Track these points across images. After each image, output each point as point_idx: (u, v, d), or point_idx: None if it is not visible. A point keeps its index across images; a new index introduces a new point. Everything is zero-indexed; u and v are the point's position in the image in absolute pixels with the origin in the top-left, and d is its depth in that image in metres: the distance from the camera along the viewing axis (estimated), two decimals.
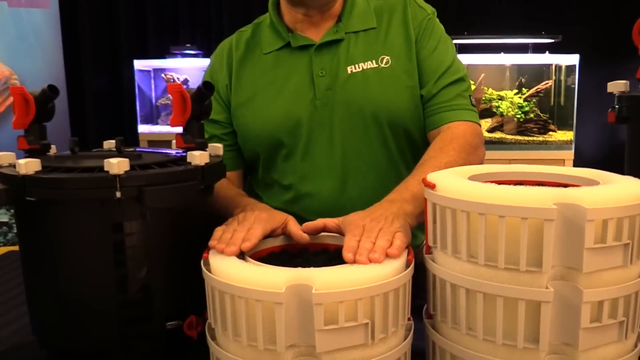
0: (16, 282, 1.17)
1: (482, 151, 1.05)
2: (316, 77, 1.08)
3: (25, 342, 0.90)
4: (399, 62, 1.08)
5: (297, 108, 1.08)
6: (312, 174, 1.09)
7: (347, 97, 1.06)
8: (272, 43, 1.13)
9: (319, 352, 0.61)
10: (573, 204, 0.58)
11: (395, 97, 1.07)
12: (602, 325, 0.61)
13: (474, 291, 0.63)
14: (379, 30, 1.11)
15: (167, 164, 0.77)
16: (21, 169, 0.71)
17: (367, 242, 0.71)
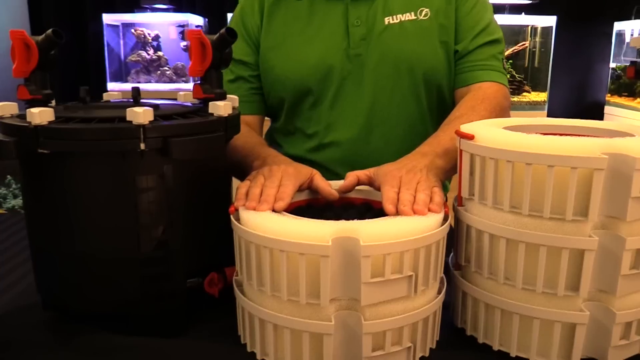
0: (7, 245, 1.12)
1: (509, 115, 1.04)
2: (351, 26, 1.05)
3: (26, 305, 0.86)
4: (437, 16, 1.05)
5: (329, 56, 1.05)
6: (338, 123, 1.06)
7: (382, 48, 1.04)
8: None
9: (364, 305, 0.60)
10: (622, 153, 0.58)
11: (432, 51, 1.05)
12: (638, 272, 0.62)
13: (516, 241, 0.63)
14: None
15: (188, 115, 0.73)
16: (34, 119, 0.66)
17: (407, 194, 0.69)
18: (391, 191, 0.70)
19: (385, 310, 0.62)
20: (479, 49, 1.04)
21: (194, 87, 0.80)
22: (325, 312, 0.61)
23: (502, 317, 0.67)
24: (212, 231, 0.79)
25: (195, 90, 0.80)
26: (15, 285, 0.92)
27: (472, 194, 0.69)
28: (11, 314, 0.84)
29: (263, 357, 0.67)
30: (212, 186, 0.79)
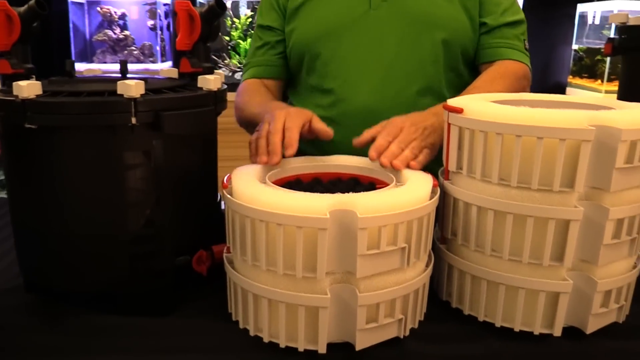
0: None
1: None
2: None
3: (7, 288, 0.83)
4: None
5: (350, 14, 1.08)
6: (355, 80, 1.07)
7: (403, 8, 1.06)
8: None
9: (359, 277, 0.61)
10: (608, 125, 0.61)
11: (452, 15, 1.07)
12: (620, 241, 0.65)
13: (504, 213, 0.65)
14: None
15: (178, 89, 0.72)
16: (22, 92, 0.64)
17: (396, 146, 0.73)
18: (383, 140, 0.74)
19: (379, 283, 0.63)
20: (505, 27, 1.08)
21: (182, 60, 0.78)
22: (321, 286, 0.62)
23: (488, 288, 0.70)
24: (199, 209, 0.79)
25: (183, 64, 0.79)
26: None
27: (460, 167, 0.71)
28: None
29: (256, 332, 0.67)
30: (199, 163, 0.78)
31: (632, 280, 0.70)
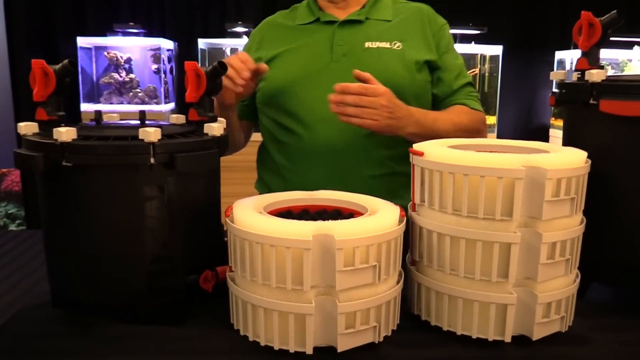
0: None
1: (486, 135, 1.32)
2: (335, 45, 1.28)
3: (36, 304, 0.96)
4: (410, 49, 1.27)
5: (314, 66, 1.27)
6: (319, 122, 1.24)
7: (361, 64, 1.22)
8: (305, 17, 1.35)
9: (338, 290, 0.74)
10: (537, 166, 0.75)
11: (404, 73, 1.26)
12: (554, 261, 0.79)
13: (458, 238, 0.79)
14: (394, 23, 1.32)
15: (188, 135, 0.87)
16: (61, 137, 0.78)
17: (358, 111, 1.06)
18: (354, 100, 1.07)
19: (355, 294, 0.76)
20: (462, 89, 1.31)
21: (190, 110, 0.93)
22: (307, 297, 0.75)
23: (449, 302, 0.83)
24: (206, 235, 0.92)
25: (191, 114, 0.93)
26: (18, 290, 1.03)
27: (422, 200, 0.85)
28: (24, 311, 0.94)
29: (255, 338, 0.80)
30: (205, 196, 0.92)
31: (570, 294, 0.84)
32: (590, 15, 0.94)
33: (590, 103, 0.91)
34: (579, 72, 0.95)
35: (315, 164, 1.25)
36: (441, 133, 1.19)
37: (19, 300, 0.98)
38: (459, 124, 1.24)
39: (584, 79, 0.92)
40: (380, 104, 1.08)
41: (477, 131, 1.28)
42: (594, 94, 0.91)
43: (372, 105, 1.08)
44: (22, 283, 1.04)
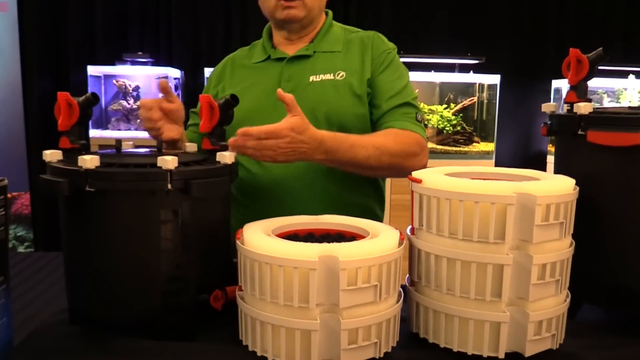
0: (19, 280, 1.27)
1: (423, 159, 1.29)
2: (283, 82, 1.32)
3: (53, 322, 1.01)
4: (352, 77, 1.31)
5: (264, 104, 1.30)
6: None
7: (306, 99, 1.26)
8: (259, 56, 1.41)
9: (341, 308, 0.79)
10: (527, 193, 0.81)
11: (344, 103, 1.30)
12: (545, 282, 0.84)
13: (454, 259, 0.85)
14: (342, 53, 1.36)
15: (202, 162, 0.93)
16: (85, 164, 0.85)
17: (256, 153, 1.04)
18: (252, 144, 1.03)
19: (358, 312, 0.81)
20: (393, 110, 1.30)
21: (204, 140, 1.00)
22: (312, 314, 0.80)
23: (446, 320, 0.88)
24: (216, 256, 0.98)
25: (204, 143, 1.00)
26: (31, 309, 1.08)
27: (421, 224, 0.90)
28: (42, 328, 0.99)
29: (263, 353, 0.84)
30: (216, 219, 0.98)
31: (560, 313, 0.89)
32: (579, 52, 1.01)
33: (579, 134, 0.97)
34: (569, 105, 1.02)
35: (268, 199, 1.29)
36: (359, 158, 1.18)
37: (33, 319, 1.03)
38: (382, 147, 1.20)
39: (573, 111, 0.99)
40: (278, 146, 1.06)
41: (409, 154, 1.25)
42: (582, 125, 0.97)
43: (271, 149, 1.05)
44: (34, 303, 1.09)
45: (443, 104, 3.38)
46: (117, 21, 3.45)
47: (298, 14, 1.30)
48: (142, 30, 3.46)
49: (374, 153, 1.19)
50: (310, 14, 1.33)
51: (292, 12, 1.30)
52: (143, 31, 3.46)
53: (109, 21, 3.44)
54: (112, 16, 3.45)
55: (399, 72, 1.35)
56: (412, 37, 3.78)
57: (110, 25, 3.43)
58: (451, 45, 3.67)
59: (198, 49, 3.51)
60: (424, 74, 3.41)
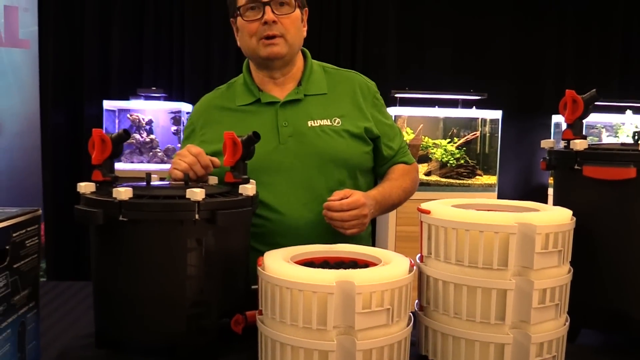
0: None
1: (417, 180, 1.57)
2: (280, 127, 1.37)
3: (80, 345, 1.07)
4: (348, 122, 1.41)
5: (264, 149, 1.29)
6: (279, 201, 1.36)
7: (309, 143, 1.36)
8: (245, 98, 1.42)
9: (357, 329, 0.85)
10: (528, 223, 0.88)
11: (348, 146, 1.40)
12: (545, 306, 0.90)
13: (460, 285, 0.91)
14: (330, 95, 1.44)
15: (226, 194, 1.00)
16: (120, 195, 0.92)
17: (345, 216, 1.25)
18: (343, 208, 1.24)
19: (372, 334, 0.87)
20: (400, 150, 1.51)
21: (227, 173, 1.07)
22: (330, 336, 0.86)
23: (453, 342, 0.93)
24: (236, 282, 1.04)
25: (227, 176, 1.07)
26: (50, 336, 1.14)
27: (429, 252, 0.97)
28: (70, 351, 1.05)
29: None
30: (237, 248, 1.04)
31: (560, 336, 0.94)
32: (574, 93, 1.09)
33: (575, 168, 1.04)
34: (566, 141, 1.09)
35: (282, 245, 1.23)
36: (395, 202, 1.44)
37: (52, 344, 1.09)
38: (406, 188, 1.47)
39: (570, 147, 1.06)
40: (362, 214, 1.27)
41: (416, 183, 1.53)
42: (578, 160, 1.04)
43: (354, 218, 1.26)
44: (51, 331, 1.15)
45: (447, 138, 3.47)
46: (131, 57, 3.59)
47: (280, 51, 1.34)
48: (155, 66, 3.59)
49: (402, 195, 1.46)
50: (292, 50, 1.38)
51: (275, 49, 1.34)
52: (156, 67, 3.59)
53: (124, 57, 3.58)
54: (126, 53, 3.58)
55: (387, 111, 1.54)
56: (416, 73, 3.90)
57: (125, 61, 3.57)
58: (454, 82, 3.79)
59: (209, 84, 3.63)
60: (428, 109, 3.51)
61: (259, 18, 1.33)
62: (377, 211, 1.37)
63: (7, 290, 0.89)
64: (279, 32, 1.33)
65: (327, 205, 1.26)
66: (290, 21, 1.35)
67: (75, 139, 3.47)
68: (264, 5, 1.32)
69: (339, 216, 1.25)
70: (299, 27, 1.39)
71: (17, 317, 0.91)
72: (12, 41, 2.77)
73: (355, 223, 1.27)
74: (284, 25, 1.34)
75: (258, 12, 1.33)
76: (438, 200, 1.05)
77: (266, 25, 1.32)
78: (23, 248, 0.93)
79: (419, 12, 4.01)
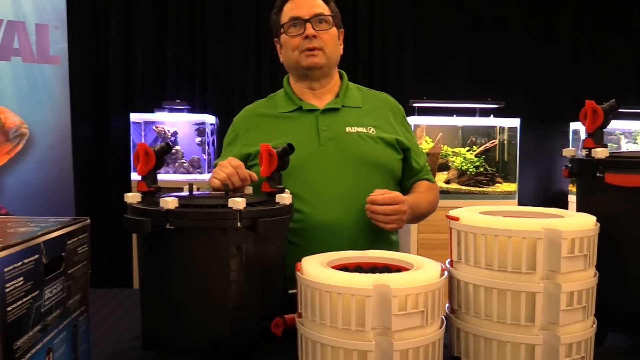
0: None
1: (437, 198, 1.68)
2: (321, 130, 1.52)
3: (128, 347, 1.13)
4: (382, 133, 1.55)
5: (305, 150, 1.46)
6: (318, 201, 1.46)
7: (348, 148, 1.48)
8: (287, 106, 1.58)
9: (393, 330, 0.90)
10: (554, 228, 0.92)
11: (384, 152, 1.54)
12: (573, 308, 0.94)
13: (491, 288, 0.95)
14: (364, 109, 1.59)
15: (265, 203, 1.06)
16: (167, 205, 0.98)
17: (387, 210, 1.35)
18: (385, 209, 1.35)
19: (407, 335, 0.92)
20: (424, 167, 1.64)
21: (263, 183, 1.13)
22: (368, 337, 0.91)
23: (485, 343, 0.98)
24: (274, 286, 1.09)
25: (264, 186, 1.13)
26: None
27: (459, 257, 1.02)
28: (119, 353, 1.11)
29: None
30: (275, 253, 1.10)
31: (588, 337, 0.98)
32: (594, 104, 1.13)
33: (597, 176, 1.09)
34: (587, 150, 1.14)
35: (318, 240, 1.43)
36: (422, 213, 1.56)
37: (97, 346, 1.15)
38: (431, 201, 1.59)
39: (591, 155, 1.11)
40: (402, 210, 1.38)
41: (437, 199, 1.64)
42: (599, 168, 1.08)
43: (395, 213, 1.37)
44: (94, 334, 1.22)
45: (466, 147, 3.51)
46: (154, 71, 3.69)
47: (319, 62, 1.51)
48: (178, 79, 3.69)
49: (428, 206, 1.57)
50: (329, 62, 1.55)
51: (315, 59, 1.50)
52: (179, 80, 3.69)
53: (147, 72, 3.68)
54: (149, 67, 3.68)
55: (412, 132, 1.67)
56: (434, 83, 3.96)
57: (148, 75, 3.67)
58: (472, 91, 3.83)
59: (231, 97, 3.72)
60: (446, 118, 3.56)
61: (300, 33, 1.49)
62: (409, 215, 1.45)
63: (63, 295, 0.95)
64: (318, 45, 1.50)
65: (371, 199, 1.36)
66: (329, 36, 1.52)
67: (103, 151, 3.57)
68: (305, 22, 1.48)
69: (381, 210, 1.35)
70: (336, 43, 1.56)
71: (71, 320, 0.97)
72: (44, 57, 2.88)
73: (395, 218, 1.37)
74: (322, 40, 1.50)
75: (300, 28, 1.50)
76: (465, 208, 1.10)
77: (307, 39, 1.48)
78: (75, 255, 0.99)
79: (435, 22, 4.07)
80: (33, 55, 2.85)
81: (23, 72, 2.83)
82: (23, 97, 2.82)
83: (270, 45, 3.81)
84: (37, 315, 0.83)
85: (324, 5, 1.53)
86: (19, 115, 2.80)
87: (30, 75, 2.84)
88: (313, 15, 1.49)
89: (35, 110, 2.84)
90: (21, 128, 2.77)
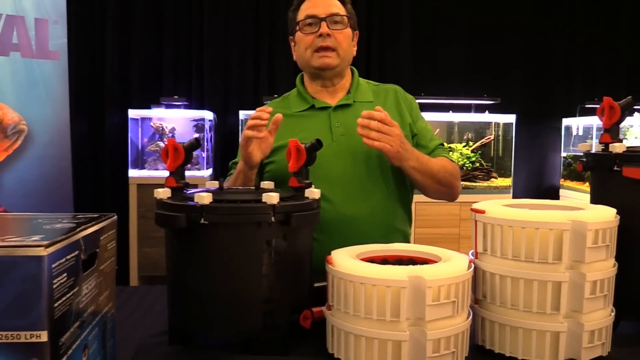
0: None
1: (459, 178, 1.64)
2: (333, 127, 1.56)
3: (154, 342, 1.14)
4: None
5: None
6: (332, 195, 1.50)
7: (358, 141, 1.46)
8: (300, 105, 1.62)
9: (427, 320, 0.93)
10: (579, 220, 0.96)
11: None
12: (596, 296, 0.98)
13: (517, 278, 0.99)
14: (375, 103, 1.59)
15: (295, 198, 1.08)
16: (202, 200, 1.00)
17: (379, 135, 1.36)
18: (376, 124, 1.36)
19: (439, 325, 0.95)
20: (437, 148, 1.62)
21: (291, 178, 1.15)
22: (402, 327, 0.94)
23: (510, 332, 1.01)
24: (303, 279, 1.12)
25: (292, 181, 1.15)
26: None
27: (485, 249, 1.05)
28: (145, 348, 1.12)
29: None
30: (304, 247, 1.12)
31: (608, 324, 1.02)
32: (611, 100, 1.17)
33: (614, 169, 1.13)
34: (603, 145, 1.18)
35: (335, 234, 1.46)
36: (434, 171, 1.50)
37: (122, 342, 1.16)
38: (446, 166, 1.54)
39: (608, 150, 1.15)
40: (395, 133, 1.37)
41: (457, 175, 1.60)
42: (617, 162, 1.12)
43: (389, 133, 1.36)
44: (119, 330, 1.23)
45: (462, 142, 3.56)
46: (151, 68, 3.67)
47: (332, 62, 1.54)
48: (175, 75, 3.68)
49: (441, 170, 1.52)
50: (343, 63, 1.57)
51: (327, 60, 1.53)
52: (177, 77, 3.68)
53: (144, 68, 3.66)
54: (146, 63, 3.67)
55: (424, 119, 1.68)
56: (430, 80, 4.00)
57: (145, 71, 3.65)
58: (468, 88, 3.89)
59: (228, 93, 3.72)
60: (443, 114, 3.61)
61: (315, 32, 1.51)
62: (415, 161, 1.46)
63: (96, 291, 0.96)
64: (332, 44, 1.51)
65: (367, 114, 1.37)
66: (343, 36, 1.53)
67: (100, 147, 3.55)
68: (320, 20, 1.50)
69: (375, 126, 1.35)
70: (350, 44, 1.58)
71: (101, 317, 0.99)
72: (43, 53, 2.85)
73: (386, 138, 1.36)
74: (337, 39, 1.52)
75: (315, 27, 1.52)
76: (488, 201, 1.13)
77: (321, 37, 1.50)
78: (106, 251, 1.00)
79: (432, 11, 4.10)
80: (32, 50, 2.82)
81: (22, 67, 2.81)
82: (22, 93, 2.80)
83: (269, 42, 3.85)
84: (76, 312, 0.85)
85: (340, 6, 1.56)
86: (18, 112, 2.77)
87: (29, 71, 2.81)
88: (329, 14, 1.52)
89: (34, 106, 2.82)
90: (20, 124, 2.74)
